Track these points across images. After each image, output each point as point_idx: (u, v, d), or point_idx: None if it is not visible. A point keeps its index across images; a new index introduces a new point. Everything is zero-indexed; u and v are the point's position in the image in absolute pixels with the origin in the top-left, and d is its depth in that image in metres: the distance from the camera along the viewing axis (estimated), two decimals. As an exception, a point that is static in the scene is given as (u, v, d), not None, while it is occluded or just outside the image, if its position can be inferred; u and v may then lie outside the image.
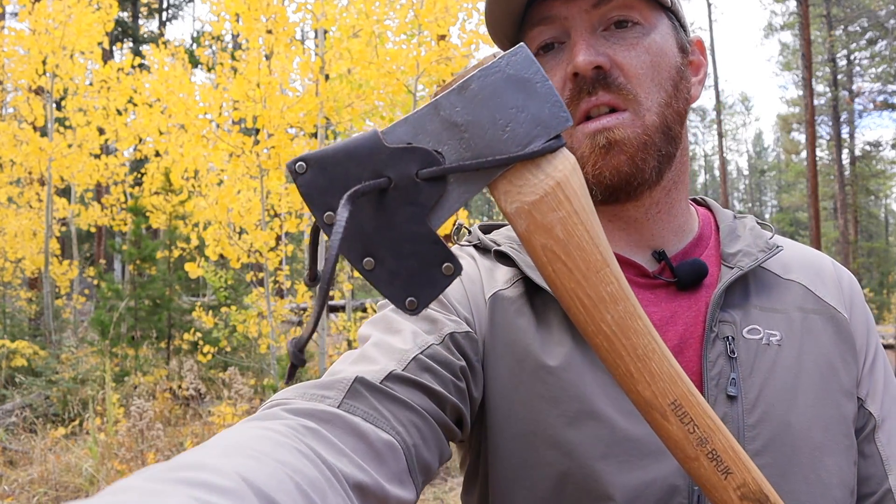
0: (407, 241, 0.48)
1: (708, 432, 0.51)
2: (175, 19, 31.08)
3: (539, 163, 0.49)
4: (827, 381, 0.72)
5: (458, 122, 0.48)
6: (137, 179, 13.78)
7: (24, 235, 10.95)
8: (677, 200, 0.78)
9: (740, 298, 0.75)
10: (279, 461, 0.42)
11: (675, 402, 0.50)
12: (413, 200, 0.48)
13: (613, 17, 0.71)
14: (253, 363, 8.70)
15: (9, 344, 7.74)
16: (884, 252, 28.49)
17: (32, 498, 4.59)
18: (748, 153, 58.07)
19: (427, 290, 0.49)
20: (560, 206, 0.48)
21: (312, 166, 0.47)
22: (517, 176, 0.49)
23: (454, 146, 0.48)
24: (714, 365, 0.71)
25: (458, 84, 0.49)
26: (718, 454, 0.51)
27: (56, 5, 9.28)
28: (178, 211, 9.20)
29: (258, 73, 6.47)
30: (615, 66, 0.70)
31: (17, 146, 9.79)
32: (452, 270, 0.49)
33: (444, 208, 0.48)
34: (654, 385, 0.50)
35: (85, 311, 12.91)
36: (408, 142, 0.48)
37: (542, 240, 0.49)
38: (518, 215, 0.49)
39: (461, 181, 0.48)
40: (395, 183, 0.47)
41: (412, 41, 6.73)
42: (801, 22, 18.25)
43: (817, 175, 17.57)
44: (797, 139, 33.92)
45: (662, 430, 0.51)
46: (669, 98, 0.72)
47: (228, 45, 10.78)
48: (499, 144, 0.48)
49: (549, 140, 0.49)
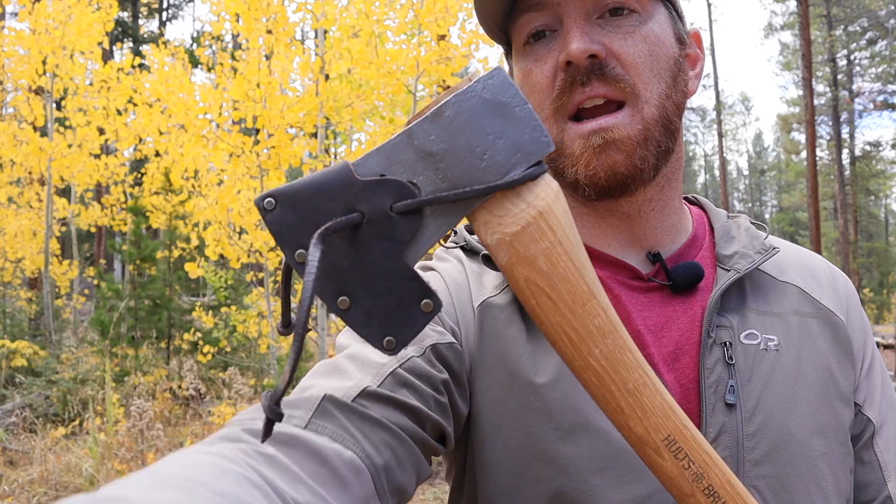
0: (383, 279, 0.46)
1: (704, 467, 0.49)
2: (175, 19, 31.09)
3: (520, 191, 0.47)
4: (826, 387, 0.70)
5: (434, 151, 0.46)
6: (137, 179, 13.78)
7: (24, 235, 10.95)
8: (671, 198, 0.75)
9: (737, 302, 0.72)
10: (218, 492, 0.38)
11: (668, 438, 0.49)
12: (388, 236, 0.45)
13: (609, 4, 0.67)
14: (253, 363, 8.70)
15: (9, 344, 7.74)
16: (884, 252, 28.50)
17: (32, 498, 4.59)
18: (748, 153, 58.06)
19: (405, 329, 0.47)
20: (543, 237, 0.47)
21: (281, 202, 0.45)
22: (497, 206, 0.47)
23: (430, 177, 0.46)
24: (712, 372, 0.67)
25: (432, 111, 0.47)
26: (715, 490, 0.49)
27: (56, 5, 9.28)
28: (178, 211, 9.21)
29: (258, 73, 6.47)
30: (611, 54, 0.66)
31: (17, 146, 9.79)
32: (431, 308, 0.47)
33: (421, 243, 0.46)
34: (646, 420, 0.49)
35: (85, 311, 12.91)
36: (381, 173, 0.46)
37: (524, 272, 0.47)
38: (499, 247, 0.47)
39: (438, 213, 0.46)
40: (368, 218, 0.45)
41: (412, 41, 6.74)
42: (801, 22, 18.25)
43: (817, 175, 17.57)
44: (797, 139, 33.93)
45: (656, 466, 0.50)
46: (669, 89, 0.69)
47: (228, 45, 10.78)
48: (477, 173, 0.46)
49: (529, 167, 0.47)
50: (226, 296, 9.42)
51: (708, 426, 0.66)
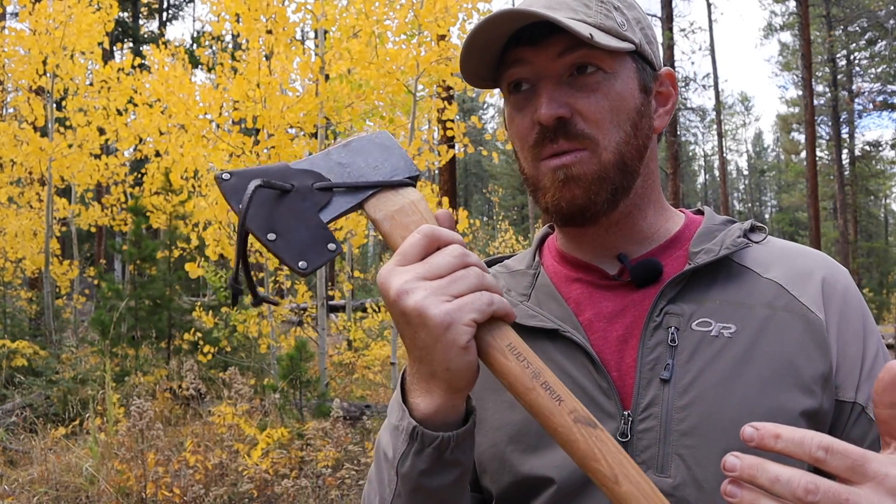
0: (302, 225, 0.66)
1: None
2: (175, 19, 31.10)
3: (398, 190, 0.70)
4: (780, 374, 0.73)
5: (343, 161, 0.71)
6: (137, 179, 13.76)
7: (24, 235, 10.95)
8: (641, 218, 0.85)
9: (698, 293, 0.79)
10: None
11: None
12: (309, 200, 0.67)
13: (577, 64, 0.78)
14: (253, 363, 8.70)
15: (9, 344, 7.74)
16: (883, 252, 28.51)
17: (33, 498, 4.60)
18: (748, 153, 58.10)
19: (315, 257, 0.65)
20: (414, 214, 0.68)
21: (236, 175, 0.66)
22: (382, 198, 0.70)
23: (339, 174, 0.70)
24: (652, 351, 0.76)
25: (343, 142, 0.73)
26: (551, 386, 0.61)
27: (56, 5, 9.28)
28: (178, 211, 9.20)
29: (258, 73, 6.47)
30: (576, 112, 0.77)
31: (18, 146, 9.79)
32: (335, 248, 0.66)
33: (331, 209, 0.68)
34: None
35: (85, 311, 12.91)
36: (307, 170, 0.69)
37: (401, 233, 0.67)
38: (385, 219, 0.68)
39: (343, 194, 0.69)
40: (296, 189, 0.67)
41: (412, 41, 6.73)
42: (801, 22, 18.26)
43: (817, 175, 17.58)
44: (797, 139, 33.94)
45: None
46: (628, 137, 0.79)
47: (228, 45, 10.77)
48: (370, 177, 0.70)
49: (404, 178, 0.71)
50: (226, 296, 9.42)
51: (640, 398, 0.75)
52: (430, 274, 0.61)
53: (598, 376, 0.77)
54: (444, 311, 0.59)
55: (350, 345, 10.91)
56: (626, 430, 0.74)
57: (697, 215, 0.92)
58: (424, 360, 0.63)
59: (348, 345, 11.03)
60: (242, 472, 4.60)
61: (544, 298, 0.86)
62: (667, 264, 0.83)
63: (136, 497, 4.39)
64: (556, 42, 0.77)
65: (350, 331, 11.00)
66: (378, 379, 9.23)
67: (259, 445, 4.80)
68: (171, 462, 4.57)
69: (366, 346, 10.24)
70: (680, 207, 0.94)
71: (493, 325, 0.63)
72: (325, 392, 6.66)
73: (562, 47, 0.77)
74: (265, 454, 4.76)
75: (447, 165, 11.44)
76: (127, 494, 4.45)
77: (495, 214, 26.78)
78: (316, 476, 4.58)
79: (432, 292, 0.60)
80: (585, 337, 0.80)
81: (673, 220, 0.88)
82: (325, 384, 6.95)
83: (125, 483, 4.47)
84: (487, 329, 0.62)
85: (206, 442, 5.39)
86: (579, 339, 0.79)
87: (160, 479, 4.34)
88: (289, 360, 6.24)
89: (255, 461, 4.61)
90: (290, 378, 6.14)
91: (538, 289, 0.88)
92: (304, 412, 6.08)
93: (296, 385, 6.16)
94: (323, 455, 4.70)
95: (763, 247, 0.84)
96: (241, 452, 4.85)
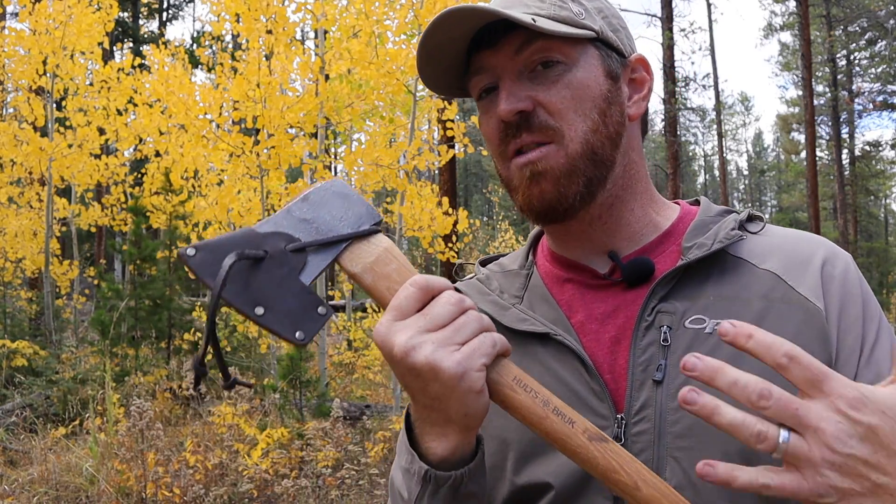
0: (287, 293, 0.64)
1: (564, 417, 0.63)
2: (175, 19, 31.11)
3: (369, 239, 0.69)
4: None
5: (307, 217, 0.68)
6: (137, 179, 13.76)
7: (24, 235, 10.96)
8: (626, 211, 0.83)
9: (693, 289, 0.77)
10: None
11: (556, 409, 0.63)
12: (286, 265, 0.65)
13: (536, 59, 0.77)
14: (253, 363, 8.71)
15: (9, 344, 7.75)
16: (883, 252, 28.51)
17: (33, 498, 4.60)
18: (748, 153, 58.11)
19: (309, 325, 0.64)
20: (392, 261, 0.67)
21: (201, 250, 0.62)
22: (356, 250, 0.68)
23: (307, 232, 0.67)
24: (644, 352, 0.75)
25: (300, 196, 0.70)
26: (561, 411, 0.63)
27: (56, 6, 9.28)
28: (178, 211, 9.20)
29: (258, 73, 6.47)
30: (538, 105, 0.77)
31: (18, 146, 9.79)
32: (325, 312, 0.65)
33: (309, 270, 0.66)
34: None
35: (85, 311, 12.91)
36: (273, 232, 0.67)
37: (385, 284, 0.66)
38: (364, 272, 0.67)
39: (317, 252, 0.67)
40: (270, 254, 0.64)
41: (412, 41, 6.74)
42: (801, 22, 18.27)
43: (817, 175, 17.58)
44: (797, 139, 33.95)
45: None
46: (596, 125, 0.78)
47: (228, 45, 10.78)
48: (338, 230, 0.68)
49: (371, 226, 0.69)
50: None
51: (633, 400, 0.74)
52: (434, 325, 0.61)
53: (591, 380, 0.76)
54: (455, 361, 0.60)
55: (350, 345, 10.91)
56: (619, 433, 0.73)
57: (694, 206, 0.89)
58: (437, 409, 0.63)
59: (348, 345, 11.03)
60: (242, 472, 4.60)
61: (536, 300, 0.85)
62: (659, 261, 0.81)
63: (136, 497, 4.39)
64: (512, 39, 0.77)
65: (350, 331, 11.01)
66: (378, 379, 9.24)
67: (259, 445, 4.80)
68: (171, 462, 4.57)
69: (366, 346, 10.24)
70: (677, 199, 0.92)
71: (496, 363, 0.64)
72: (325, 392, 6.67)
73: (518, 43, 0.76)
74: (265, 454, 4.77)
75: (447, 165, 11.44)
76: (127, 494, 4.45)
77: (495, 214, 26.76)
78: (316, 476, 4.59)
79: (440, 344, 0.60)
80: (577, 340, 0.79)
81: (665, 213, 0.86)
82: (325, 384, 6.96)
83: (125, 483, 4.47)
84: (492, 367, 0.63)
85: (206, 442, 5.39)
86: (571, 343, 0.78)
87: (160, 479, 4.35)
88: (289, 360, 6.25)
89: (255, 461, 4.62)
90: (290, 378, 6.14)
91: (531, 290, 0.87)
92: (304, 412, 6.08)
93: (296, 385, 6.17)
94: (323, 455, 4.71)
95: (760, 236, 0.82)
96: (241, 452, 4.86)
